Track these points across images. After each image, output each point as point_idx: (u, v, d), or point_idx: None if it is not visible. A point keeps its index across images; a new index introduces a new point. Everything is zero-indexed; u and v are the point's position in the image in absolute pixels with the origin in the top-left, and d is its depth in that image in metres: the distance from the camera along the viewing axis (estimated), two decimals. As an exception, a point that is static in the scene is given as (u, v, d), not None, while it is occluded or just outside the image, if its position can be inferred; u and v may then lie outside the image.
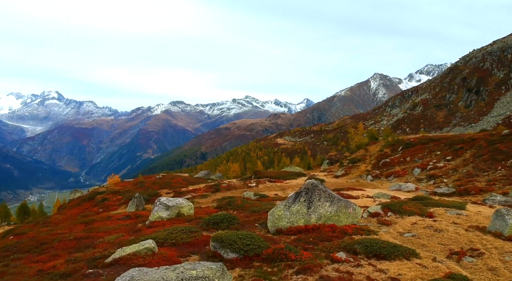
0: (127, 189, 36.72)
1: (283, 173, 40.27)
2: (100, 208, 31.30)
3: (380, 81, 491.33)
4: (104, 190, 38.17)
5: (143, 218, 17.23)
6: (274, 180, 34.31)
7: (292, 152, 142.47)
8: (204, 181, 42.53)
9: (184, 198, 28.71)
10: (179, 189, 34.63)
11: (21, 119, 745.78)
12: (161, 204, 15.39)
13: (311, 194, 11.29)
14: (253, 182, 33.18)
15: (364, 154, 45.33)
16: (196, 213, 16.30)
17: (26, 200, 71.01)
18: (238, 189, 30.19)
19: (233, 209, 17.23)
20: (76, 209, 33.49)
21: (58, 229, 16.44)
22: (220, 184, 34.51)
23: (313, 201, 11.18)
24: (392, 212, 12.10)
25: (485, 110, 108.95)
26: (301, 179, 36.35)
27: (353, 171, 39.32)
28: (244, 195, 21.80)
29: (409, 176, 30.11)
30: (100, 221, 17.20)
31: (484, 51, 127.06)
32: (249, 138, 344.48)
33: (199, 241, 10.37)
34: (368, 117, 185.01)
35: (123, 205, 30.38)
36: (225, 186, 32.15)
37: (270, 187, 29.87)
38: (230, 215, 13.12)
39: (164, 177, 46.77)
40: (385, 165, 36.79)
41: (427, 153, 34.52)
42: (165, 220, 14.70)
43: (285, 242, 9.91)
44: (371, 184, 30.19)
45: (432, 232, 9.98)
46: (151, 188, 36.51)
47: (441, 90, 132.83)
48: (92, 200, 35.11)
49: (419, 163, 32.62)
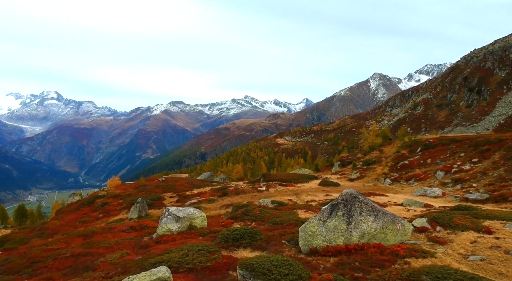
0: (128, 193, 34.94)
1: (294, 176, 38.15)
2: (100, 213, 29.79)
3: (379, 81, 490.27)
4: (104, 193, 36.35)
5: (149, 229, 15.45)
6: (285, 183, 32.47)
7: (292, 152, 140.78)
8: (209, 184, 40.76)
9: (190, 202, 27.10)
10: (183, 193, 33.00)
11: (20, 120, 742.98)
12: (170, 214, 13.43)
13: (350, 207, 9.49)
14: (263, 186, 31.37)
15: (379, 156, 43.39)
16: (209, 224, 14.57)
17: (23, 202, 68.76)
18: (247, 193, 28.38)
19: (250, 220, 15.33)
20: (74, 214, 31.78)
21: (53, 243, 14.42)
22: (227, 187, 32.88)
23: (353, 215, 9.39)
24: (441, 226, 10.30)
25: (487, 110, 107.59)
26: (313, 182, 34.49)
27: (368, 174, 37.32)
28: (260, 202, 19.68)
29: (432, 180, 28.24)
30: (100, 233, 15.37)
31: (486, 50, 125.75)
32: (248, 138, 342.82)
33: (221, 264, 8.63)
34: (368, 117, 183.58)
35: (124, 210, 28.78)
36: (233, 189, 30.53)
37: (282, 191, 27.93)
38: (252, 229, 11.42)
39: (167, 179, 44.18)
40: (404, 167, 34.91)
41: (449, 155, 32.54)
42: (175, 233, 12.91)
43: (324, 266, 8.18)
44: (391, 188, 28.42)
45: (503, 254, 8.21)
46: (154, 191, 34.78)
47: (442, 90, 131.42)
48: (92, 204, 33.39)
49: (441, 165, 30.66)
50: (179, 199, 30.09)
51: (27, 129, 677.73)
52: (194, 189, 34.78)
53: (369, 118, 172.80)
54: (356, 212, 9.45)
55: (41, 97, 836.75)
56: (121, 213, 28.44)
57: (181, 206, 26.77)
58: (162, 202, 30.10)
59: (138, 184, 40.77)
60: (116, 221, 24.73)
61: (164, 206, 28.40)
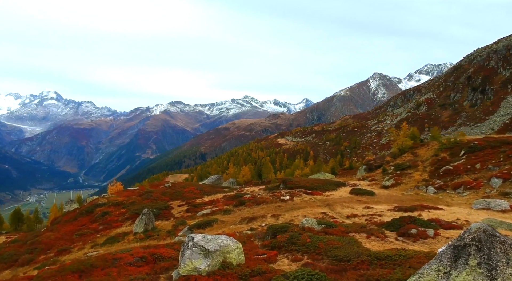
0: (132, 201, 32.13)
1: (318, 182, 33.75)
2: (101, 224, 27.51)
3: (379, 81, 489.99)
4: (105, 201, 33.33)
5: (165, 261, 11.89)
6: (310, 191, 28.67)
7: (294, 152, 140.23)
8: (220, 190, 37.22)
9: (202, 213, 25.25)
10: (193, 200, 30.14)
11: (20, 120, 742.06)
12: (195, 245, 9.82)
13: (488, 252, 6.18)
14: (285, 194, 27.80)
15: (414, 159, 39.59)
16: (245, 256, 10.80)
17: (19, 206, 66.92)
18: (268, 203, 25.00)
19: (300, 251, 11.59)
20: (71, 225, 29.24)
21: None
22: (242, 194, 29.73)
23: (497, 266, 6.08)
24: None
25: (491, 110, 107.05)
26: (342, 189, 30.54)
27: (404, 180, 33.25)
28: (304, 223, 15.44)
29: (487, 188, 24.56)
30: (101, 268, 11.68)
31: (489, 49, 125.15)
32: (248, 138, 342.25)
33: None
34: (369, 117, 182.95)
35: (128, 221, 26.44)
36: (249, 198, 27.39)
37: (310, 201, 24.50)
38: (319, 275, 8.43)
39: (174, 185, 40.47)
40: (448, 173, 30.72)
41: (503, 159, 28.49)
42: (204, 273, 9.37)
43: None
44: (439, 199, 24.87)
45: None
46: (160, 199, 31.96)
47: (446, 90, 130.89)
48: (91, 214, 30.48)
49: (495, 171, 26.79)
50: (189, 208, 27.67)
51: (26, 130, 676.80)
52: (204, 196, 32.12)
53: (371, 118, 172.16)
54: (500, 261, 6.07)
55: (41, 98, 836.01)
56: (124, 224, 26.13)
57: (192, 216, 24.79)
58: (170, 211, 27.94)
59: (142, 190, 37.84)
60: (119, 235, 23.03)
61: (172, 216, 26.54)
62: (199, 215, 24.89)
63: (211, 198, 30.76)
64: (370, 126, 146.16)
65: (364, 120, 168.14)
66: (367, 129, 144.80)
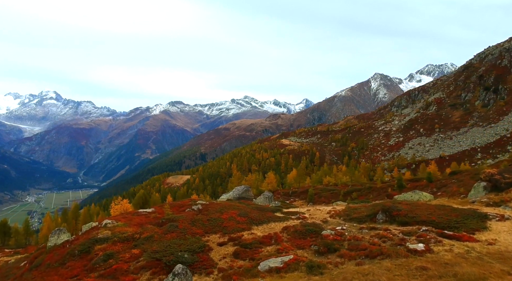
0: (147, 234, 21.64)
1: (437, 212, 20.32)
2: (101, 277, 17.22)
3: (380, 81, 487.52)
4: (107, 235, 22.23)
5: None
6: (446, 232, 16.96)
7: (299, 153, 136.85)
8: (271, 215, 25.30)
9: (268, 266, 15.25)
10: (238, 234, 20.70)
11: (19, 120, 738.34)
12: None
13: None
14: (408, 238, 16.55)
15: None
16: None
17: (5, 218, 62.32)
18: (386, 256, 14.36)
19: None
20: (56, 276, 19.13)
21: None
22: (317, 229, 19.56)
23: None
24: None
25: (505, 110, 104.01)
26: (493, 227, 17.64)
27: None
28: None
29: None
30: None
31: (501, 48, 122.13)
32: (249, 138, 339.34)
33: None
34: (374, 117, 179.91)
35: (144, 273, 16.83)
36: (336, 237, 17.74)
37: (466, 256, 13.78)
38: None
39: (205, 207, 27.08)
40: None
41: None
42: None
43: None
44: None
45: None
46: (190, 231, 21.53)
47: (456, 89, 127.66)
48: (87, 256, 20.30)
49: None
50: (238, 251, 18.19)
51: (25, 130, 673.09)
52: (253, 227, 22.40)
53: (376, 118, 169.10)
54: None
55: (40, 97, 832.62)
56: (139, 278, 16.46)
57: (250, 270, 15.61)
58: (209, 255, 18.40)
59: (161, 216, 26.11)
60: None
61: (214, 265, 17.11)
62: (263, 270, 15.34)
63: (264, 229, 21.74)
64: (377, 127, 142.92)
65: (370, 121, 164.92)
66: (374, 130, 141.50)
